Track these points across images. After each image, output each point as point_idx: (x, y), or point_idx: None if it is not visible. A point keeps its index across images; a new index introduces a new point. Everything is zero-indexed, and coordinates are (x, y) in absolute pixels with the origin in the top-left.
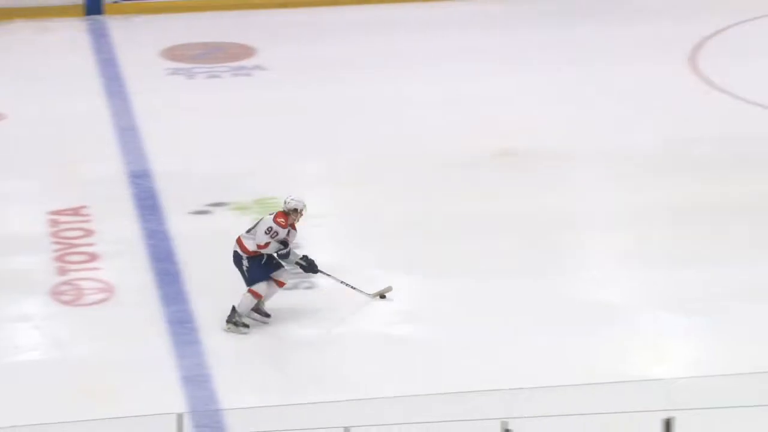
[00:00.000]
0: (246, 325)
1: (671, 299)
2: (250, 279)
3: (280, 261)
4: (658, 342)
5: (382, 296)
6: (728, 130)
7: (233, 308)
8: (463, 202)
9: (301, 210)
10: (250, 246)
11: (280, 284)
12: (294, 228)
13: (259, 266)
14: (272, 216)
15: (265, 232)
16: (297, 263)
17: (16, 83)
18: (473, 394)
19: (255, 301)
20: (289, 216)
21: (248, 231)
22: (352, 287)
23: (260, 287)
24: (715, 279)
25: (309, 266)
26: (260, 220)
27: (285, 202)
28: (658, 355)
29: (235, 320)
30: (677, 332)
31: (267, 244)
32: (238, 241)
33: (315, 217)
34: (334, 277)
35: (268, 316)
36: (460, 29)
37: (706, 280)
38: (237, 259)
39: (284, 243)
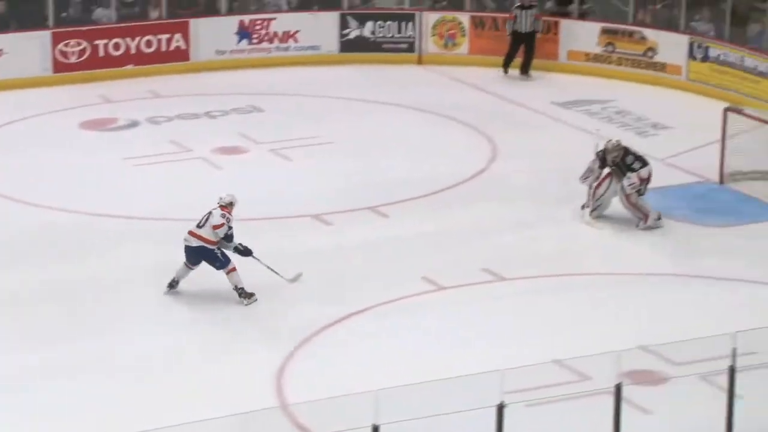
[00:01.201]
0: (253, 293)
1: None
2: (225, 261)
3: (222, 244)
4: None
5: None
6: None
7: (237, 289)
8: None
9: (234, 203)
10: (211, 236)
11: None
12: None
13: (223, 251)
14: (218, 209)
15: (221, 216)
16: (236, 248)
17: None
18: None
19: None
20: (227, 209)
21: (199, 226)
22: (275, 272)
23: (233, 264)
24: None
25: (245, 251)
26: (207, 214)
27: (221, 198)
28: None
29: (248, 294)
30: None
31: (222, 225)
32: (198, 237)
33: None
34: (262, 262)
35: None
36: None
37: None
38: (203, 251)
39: (230, 228)
